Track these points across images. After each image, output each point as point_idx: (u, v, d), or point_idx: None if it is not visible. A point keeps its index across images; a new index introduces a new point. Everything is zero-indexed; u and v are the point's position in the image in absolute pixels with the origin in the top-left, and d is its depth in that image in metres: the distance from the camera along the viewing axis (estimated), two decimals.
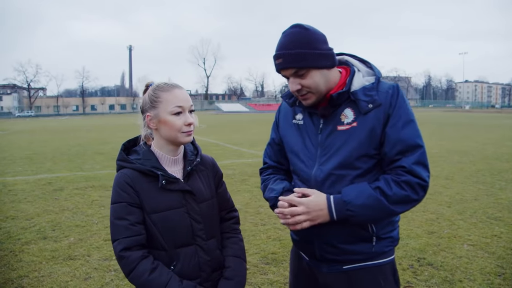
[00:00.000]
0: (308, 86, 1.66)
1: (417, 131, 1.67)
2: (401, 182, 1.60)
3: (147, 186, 1.69)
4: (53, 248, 4.83)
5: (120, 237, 1.63)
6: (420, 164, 1.62)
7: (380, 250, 1.76)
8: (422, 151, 1.64)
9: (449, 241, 5.01)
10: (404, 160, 1.62)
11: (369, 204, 1.61)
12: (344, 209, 1.62)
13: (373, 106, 1.65)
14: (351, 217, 1.62)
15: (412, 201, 1.64)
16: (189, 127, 1.71)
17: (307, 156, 1.79)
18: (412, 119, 1.67)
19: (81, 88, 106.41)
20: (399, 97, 1.67)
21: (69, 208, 6.70)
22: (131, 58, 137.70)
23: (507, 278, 3.94)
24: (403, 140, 1.62)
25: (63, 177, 9.56)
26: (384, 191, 1.61)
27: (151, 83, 1.79)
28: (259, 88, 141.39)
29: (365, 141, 1.65)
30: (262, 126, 31.84)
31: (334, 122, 1.72)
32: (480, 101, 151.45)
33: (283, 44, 1.64)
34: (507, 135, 20.99)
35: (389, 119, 1.64)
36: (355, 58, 1.83)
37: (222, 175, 2.01)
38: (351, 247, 1.75)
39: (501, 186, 8.20)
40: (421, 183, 1.61)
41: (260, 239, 5.15)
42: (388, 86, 1.69)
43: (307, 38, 1.62)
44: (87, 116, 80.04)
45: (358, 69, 1.77)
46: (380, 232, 1.74)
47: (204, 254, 1.77)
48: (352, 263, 1.77)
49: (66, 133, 26.14)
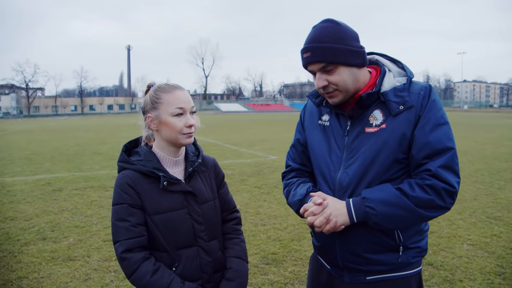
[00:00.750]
0: (335, 83, 1.59)
1: (447, 134, 1.57)
2: (424, 185, 1.52)
3: (148, 188, 1.69)
4: (52, 249, 4.82)
5: (121, 239, 1.63)
6: (447, 169, 1.53)
7: (407, 261, 1.67)
8: (450, 155, 1.54)
9: (449, 241, 5.01)
10: (431, 163, 1.53)
11: (390, 200, 1.53)
12: (363, 205, 1.55)
13: (404, 107, 1.58)
14: (371, 215, 1.54)
15: (438, 207, 1.54)
16: (190, 128, 1.70)
17: (332, 159, 1.72)
18: (443, 122, 1.58)
19: (79, 88, 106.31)
20: (430, 99, 1.59)
21: (68, 209, 6.69)
22: (130, 58, 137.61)
23: (507, 278, 3.95)
24: (430, 143, 1.54)
25: (62, 178, 9.54)
26: (406, 192, 1.53)
27: (152, 83, 1.78)
28: (257, 88, 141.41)
29: (394, 144, 1.58)
30: (261, 126, 31.86)
31: (362, 124, 1.65)
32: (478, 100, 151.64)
33: (312, 37, 1.58)
34: (506, 135, 21.03)
35: (419, 121, 1.56)
36: (386, 58, 1.77)
37: (224, 176, 2.00)
38: (376, 257, 1.65)
39: (500, 185, 8.21)
40: (447, 189, 1.52)
41: (260, 239, 5.14)
42: (420, 87, 1.62)
43: (338, 33, 1.56)
44: (86, 116, 79.96)
45: (389, 69, 1.70)
46: (407, 242, 1.65)
47: (206, 255, 1.77)
48: (376, 274, 1.68)
49: (65, 133, 26.10)
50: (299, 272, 4.18)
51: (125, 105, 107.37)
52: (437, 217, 1.63)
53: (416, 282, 1.72)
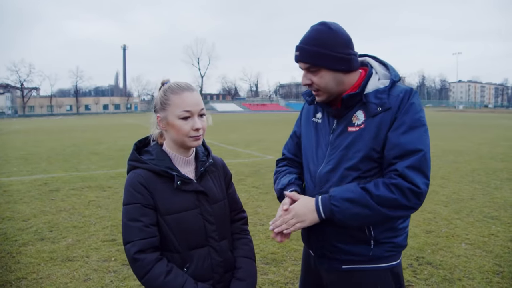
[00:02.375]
0: (317, 84, 1.70)
1: (419, 137, 1.61)
2: (390, 184, 1.58)
3: (161, 187, 1.68)
4: (51, 250, 4.80)
5: (134, 239, 1.60)
6: (415, 169, 1.57)
7: (380, 255, 1.74)
8: (419, 156, 1.58)
9: (447, 240, 5.03)
10: (399, 164, 1.59)
11: (354, 198, 1.60)
12: (329, 203, 1.63)
13: (382, 109, 1.65)
14: (335, 212, 1.62)
15: (403, 206, 1.59)
16: (197, 132, 1.68)
17: (318, 155, 1.82)
18: (418, 126, 1.62)
19: (75, 88, 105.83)
20: (408, 102, 1.64)
21: (66, 209, 6.66)
22: (125, 57, 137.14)
23: (505, 277, 3.97)
24: (401, 144, 1.60)
25: (59, 178, 9.50)
26: (370, 190, 1.59)
27: (166, 81, 1.76)
28: (253, 88, 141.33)
29: (369, 143, 1.66)
30: (257, 126, 31.87)
31: (345, 123, 1.74)
32: (473, 101, 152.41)
33: (305, 38, 1.69)
34: (501, 135, 21.15)
35: (394, 123, 1.63)
36: (376, 60, 1.84)
37: (232, 177, 2.00)
38: (347, 247, 1.76)
39: (496, 185, 8.26)
40: (413, 189, 1.56)
41: (259, 239, 5.14)
42: (401, 90, 1.68)
43: (328, 39, 1.64)
44: (81, 116, 79.68)
45: (376, 71, 1.77)
46: (379, 236, 1.72)
47: (217, 255, 1.77)
48: (350, 263, 1.77)
49: (61, 133, 25.99)
50: (299, 271, 4.16)
51: (121, 105, 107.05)
52: (403, 216, 1.69)
53: (392, 276, 1.78)
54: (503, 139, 18.68)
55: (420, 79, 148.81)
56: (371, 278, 1.76)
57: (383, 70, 1.78)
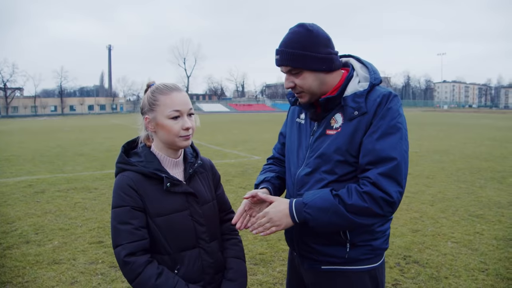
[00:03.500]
0: (300, 86, 1.69)
1: (395, 144, 1.59)
2: (362, 193, 1.57)
3: (150, 189, 1.67)
4: (36, 252, 4.73)
5: (124, 242, 1.59)
6: (388, 177, 1.56)
7: (356, 257, 1.74)
8: (394, 165, 1.56)
9: (433, 239, 5.09)
10: (372, 171, 1.58)
11: (326, 208, 1.58)
12: (302, 210, 1.62)
13: (358, 113, 1.63)
14: (309, 220, 1.61)
15: (376, 215, 1.58)
16: (187, 131, 1.68)
17: (299, 156, 1.83)
18: (393, 132, 1.60)
19: (59, 88, 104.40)
20: (386, 106, 1.62)
21: (52, 211, 6.58)
22: (111, 58, 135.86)
23: (491, 274, 4.04)
24: (375, 150, 1.58)
25: (44, 179, 9.38)
26: (343, 199, 1.58)
27: (152, 83, 1.76)
28: (239, 88, 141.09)
29: (344, 148, 1.65)
30: (243, 126, 31.85)
31: (324, 126, 1.74)
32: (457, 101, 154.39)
33: (284, 41, 1.68)
34: (485, 134, 21.47)
35: (369, 128, 1.62)
36: (359, 61, 1.81)
37: (220, 177, 2.00)
38: (324, 249, 1.77)
39: (481, 184, 8.39)
40: (385, 198, 1.55)
41: (247, 239, 5.14)
42: (379, 94, 1.65)
43: (307, 40, 1.63)
44: (66, 117, 78.58)
45: (357, 73, 1.75)
46: (355, 240, 1.72)
47: (208, 256, 1.76)
48: (328, 264, 1.78)
49: (45, 134, 25.62)
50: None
51: (106, 106, 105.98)
52: (376, 223, 1.70)
53: (371, 278, 1.78)
54: (487, 138, 18.98)
55: (405, 80, 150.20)
56: (349, 279, 1.77)
57: (364, 72, 1.75)
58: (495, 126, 29.35)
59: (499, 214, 6.14)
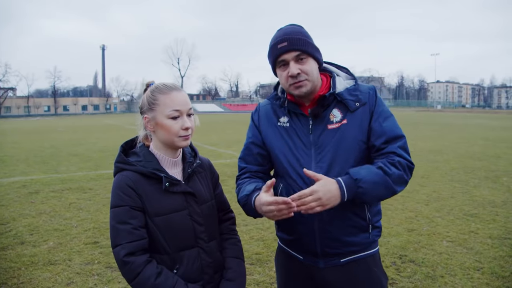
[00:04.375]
0: (306, 72, 1.76)
1: (396, 123, 1.84)
2: (396, 162, 1.73)
3: (149, 189, 1.66)
4: (32, 253, 4.70)
5: (123, 242, 1.58)
6: (404, 150, 1.79)
7: (373, 239, 1.89)
8: (404, 140, 1.82)
9: (428, 238, 5.12)
10: (391, 147, 1.77)
11: (378, 181, 1.70)
12: (355, 186, 1.67)
13: (359, 104, 1.82)
14: (361, 194, 1.68)
15: (405, 182, 1.77)
16: (186, 131, 1.68)
17: (302, 156, 1.83)
18: (389, 115, 1.85)
19: (52, 88, 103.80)
20: (377, 97, 1.87)
21: (46, 212, 6.54)
22: (104, 57, 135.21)
23: (486, 272, 4.06)
24: (386, 131, 1.79)
25: (38, 180, 9.33)
26: (386, 171, 1.71)
27: (151, 82, 1.76)
28: (233, 88, 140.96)
29: (356, 134, 1.80)
30: (237, 126, 31.82)
31: (324, 122, 1.83)
32: (451, 101, 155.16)
33: (287, 31, 1.78)
34: (479, 134, 21.61)
35: (373, 115, 1.82)
36: (333, 65, 1.98)
37: (219, 177, 2.00)
38: (352, 239, 1.83)
39: (475, 183, 8.44)
40: (409, 165, 1.77)
41: (243, 239, 5.14)
42: (368, 87, 1.89)
43: (306, 32, 1.81)
44: (59, 117, 78.20)
45: (337, 74, 1.92)
46: (373, 220, 1.87)
47: (206, 256, 1.76)
48: (349, 255, 1.85)
49: (39, 135, 25.48)
50: None
51: (100, 106, 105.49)
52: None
53: (379, 257, 1.97)
54: (480, 138, 19.10)
55: (399, 80, 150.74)
56: (367, 264, 1.88)
57: (344, 72, 1.94)
58: (488, 126, 29.55)
59: (493, 213, 6.18)
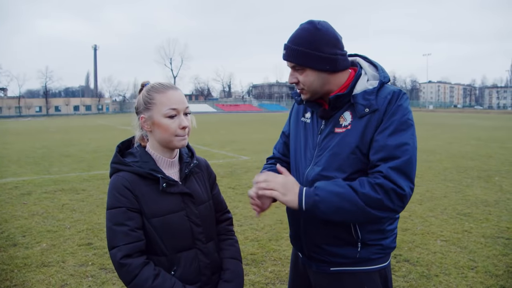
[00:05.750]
0: (302, 83, 1.71)
1: (406, 140, 1.59)
2: (375, 184, 1.55)
3: (146, 190, 1.64)
4: (24, 255, 4.65)
5: (120, 244, 1.56)
6: (399, 172, 1.55)
7: (367, 257, 1.73)
8: (405, 160, 1.57)
9: (423, 238, 5.14)
10: (383, 165, 1.57)
11: (338, 192, 1.56)
12: (313, 193, 1.59)
13: (369, 110, 1.63)
14: (318, 202, 1.57)
15: (386, 208, 1.56)
16: (184, 130, 1.67)
17: (306, 156, 1.81)
18: (404, 128, 1.60)
19: (44, 88, 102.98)
20: (396, 104, 1.63)
21: (39, 213, 6.48)
22: (96, 57, 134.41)
23: (480, 271, 4.09)
24: (387, 146, 1.58)
25: (30, 181, 9.24)
26: (355, 187, 1.56)
27: (146, 82, 1.74)
28: (226, 89, 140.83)
29: (355, 145, 1.64)
30: (230, 126, 31.83)
31: (333, 124, 1.73)
32: (443, 101, 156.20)
33: (292, 37, 1.70)
34: (471, 134, 21.79)
35: (381, 125, 1.62)
36: (367, 61, 1.82)
37: (216, 177, 1.99)
38: (335, 250, 1.74)
39: (467, 183, 8.49)
40: (397, 191, 1.54)
41: (238, 240, 5.09)
42: (389, 91, 1.67)
43: (313, 38, 1.64)
44: (51, 118, 77.58)
45: (365, 72, 1.75)
46: (366, 238, 1.71)
47: (204, 257, 1.74)
48: (338, 265, 1.76)
49: (30, 135, 25.26)
50: (280, 271, 4.19)
51: (92, 106, 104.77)
52: (385, 218, 1.67)
53: (380, 278, 1.77)
54: (473, 138, 19.26)
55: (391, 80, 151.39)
56: (359, 280, 1.75)
57: (373, 70, 1.76)
58: (480, 126, 29.79)
59: (486, 212, 6.23)
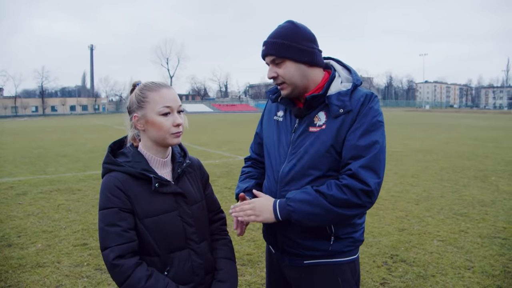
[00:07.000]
0: (282, 76, 1.75)
1: (375, 140, 1.67)
2: (342, 186, 1.64)
3: (138, 190, 1.63)
4: (19, 256, 4.62)
5: (112, 245, 1.55)
6: (367, 168, 1.63)
7: (339, 250, 1.80)
8: (373, 156, 1.65)
9: (419, 238, 5.14)
10: (353, 164, 1.65)
11: (308, 200, 1.66)
12: (285, 205, 1.69)
13: (343, 111, 1.70)
14: (292, 213, 1.67)
15: (355, 205, 1.65)
16: (178, 128, 1.66)
17: (280, 153, 1.86)
18: (374, 129, 1.69)
19: (40, 88, 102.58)
20: (368, 105, 1.71)
21: (35, 213, 6.44)
22: (93, 57, 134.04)
23: (476, 271, 4.08)
24: (358, 146, 1.66)
25: (26, 181, 9.19)
26: (323, 192, 1.65)
27: (138, 82, 1.73)
28: (223, 89, 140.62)
29: (329, 144, 1.71)
30: (227, 126, 31.81)
31: (307, 123, 1.79)
32: (439, 101, 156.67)
33: (271, 34, 1.76)
34: (467, 134, 21.83)
35: (353, 125, 1.69)
36: (340, 64, 1.89)
37: (209, 177, 1.98)
38: (308, 243, 1.80)
39: (464, 183, 8.50)
40: (364, 189, 1.62)
41: (234, 240, 5.03)
42: (362, 94, 1.75)
43: (292, 33, 1.72)
44: (47, 118, 77.29)
45: (339, 74, 1.82)
46: (339, 233, 1.78)
47: (197, 257, 1.73)
48: (311, 258, 1.82)
49: (26, 135, 25.15)
50: None
51: (88, 106, 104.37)
52: (357, 214, 1.74)
53: (351, 269, 1.85)
54: (469, 138, 19.30)
55: (388, 80, 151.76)
56: (332, 272, 1.82)
57: (346, 73, 1.83)
58: (477, 126, 29.87)
59: (482, 212, 6.23)
